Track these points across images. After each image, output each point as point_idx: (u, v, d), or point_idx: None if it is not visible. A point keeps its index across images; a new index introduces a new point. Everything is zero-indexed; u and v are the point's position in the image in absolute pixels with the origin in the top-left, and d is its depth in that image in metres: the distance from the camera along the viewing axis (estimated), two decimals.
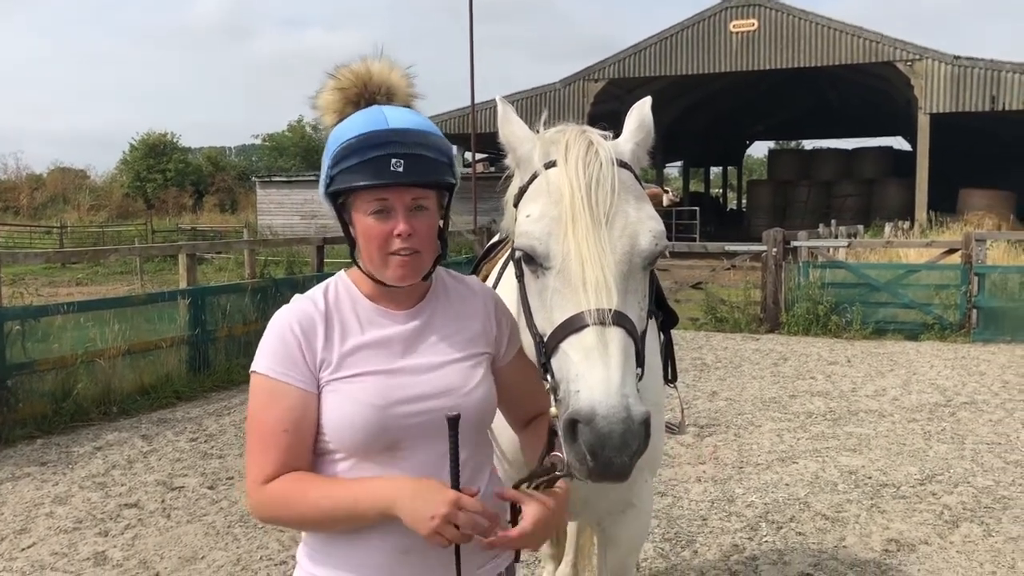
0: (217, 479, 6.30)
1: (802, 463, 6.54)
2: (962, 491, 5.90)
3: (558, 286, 1.78)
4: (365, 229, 1.83)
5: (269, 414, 1.83)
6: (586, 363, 1.67)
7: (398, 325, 1.91)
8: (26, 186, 56.18)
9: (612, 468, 1.61)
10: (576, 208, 1.78)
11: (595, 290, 1.72)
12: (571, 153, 1.85)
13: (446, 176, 1.86)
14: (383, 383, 1.84)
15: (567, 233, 1.78)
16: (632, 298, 1.80)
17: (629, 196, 1.86)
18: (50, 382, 7.95)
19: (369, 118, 1.85)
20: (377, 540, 1.84)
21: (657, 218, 1.88)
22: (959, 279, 12.37)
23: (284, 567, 4.78)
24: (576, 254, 1.75)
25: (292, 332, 1.85)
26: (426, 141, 1.83)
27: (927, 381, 9.46)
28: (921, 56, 27.65)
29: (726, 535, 5.19)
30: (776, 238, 13.22)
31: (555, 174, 1.86)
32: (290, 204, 37.31)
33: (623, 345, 1.69)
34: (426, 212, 1.84)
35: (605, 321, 1.70)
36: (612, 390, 1.62)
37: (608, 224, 1.79)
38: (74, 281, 23.66)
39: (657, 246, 1.83)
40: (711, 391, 9.06)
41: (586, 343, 1.68)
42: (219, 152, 72.13)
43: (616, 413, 1.60)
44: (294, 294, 1.99)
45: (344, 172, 1.81)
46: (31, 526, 5.42)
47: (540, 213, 1.83)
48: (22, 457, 6.88)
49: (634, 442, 1.60)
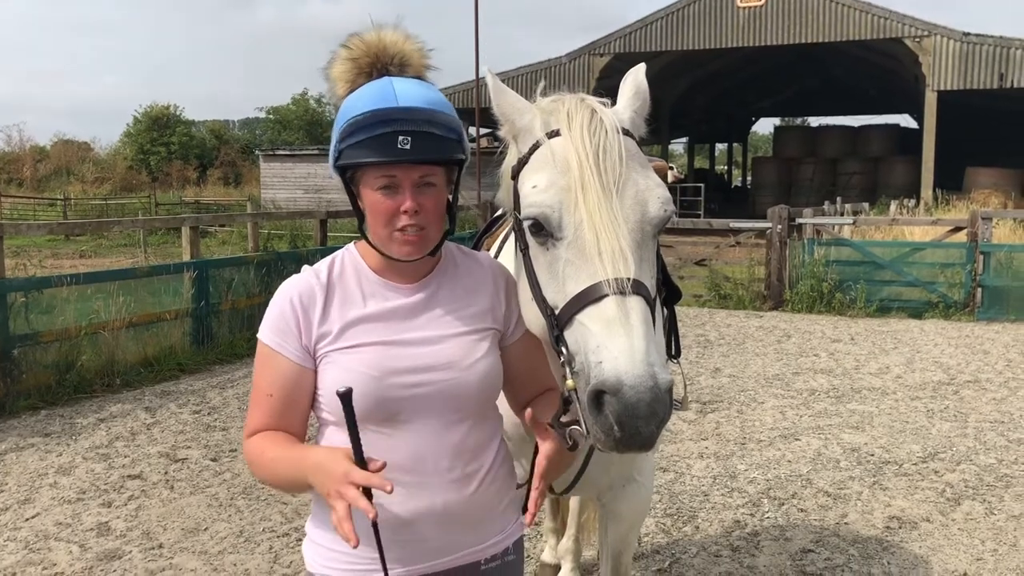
0: (220, 451, 6.32)
1: (804, 440, 6.54)
2: (964, 469, 5.90)
3: (571, 257, 1.74)
4: (372, 204, 1.82)
5: (261, 377, 1.92)
6: (607, 333, 1.64)
7: (402, 298, 1.91)
8: (29, 158, 56.11)
9: (639, 438, 1.59)
10: (586, 177, 1.75)
11: (612, 260, 1.69)
12: (575, 122, 1.82)
13: (454, 153, 1.84)
14: (381, 354, 1.84)
15: (578, 202, 1.74)
16: (646, 266, 1.78)
17: (635, 163, 1.84)
18: (54, 353, 7.96)
19: (378, 93, 1.83)
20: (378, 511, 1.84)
21: (663, 185, 1.86)
22: (964, 257, 12.33)
23: (287, 539, 4.80)
24: (589, 224, 1.72)
25: (291, 305, 1.89)
26: (434, 118, 1.81)
27: (931, 359, 9.44)
28: (930, 32, 27.43)
29: (728, 511, 5.20)
30: (781, 215, 13.17)
31: (560, 143, 1.82)
32: (294, 178, 37.21)
33: (644, 314, 1.67)
34: (434, 188, 1.83)
35: (624, 291, 1.67)
36: (638, 359, 1.60)
37: (619, 192, 1.76)
38: (78, 253, 23.67)
39: (666, 212, 1.81)
40: (714, 367, 9.06)
41: (607, 314, 1.65)
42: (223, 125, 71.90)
43: (644, 382, 1.58)
44: (297, 268, 1.99)
45: (352, 147, 1.80)
46: (35, 496, 5.44)
47: (548, 183, 1.80)
48: (26, 428, 6.91)
49: (662, 410, 1.59)
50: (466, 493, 1.88)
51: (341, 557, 1.88)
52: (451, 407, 1.86)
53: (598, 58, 30.79)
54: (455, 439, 1.88)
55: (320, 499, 1.93)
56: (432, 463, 1.86)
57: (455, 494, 1.87)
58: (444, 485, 1.87)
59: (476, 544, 1.92)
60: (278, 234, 20.90)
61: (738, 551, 4.64)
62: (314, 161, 36.32)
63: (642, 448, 1.63)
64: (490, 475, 1.94)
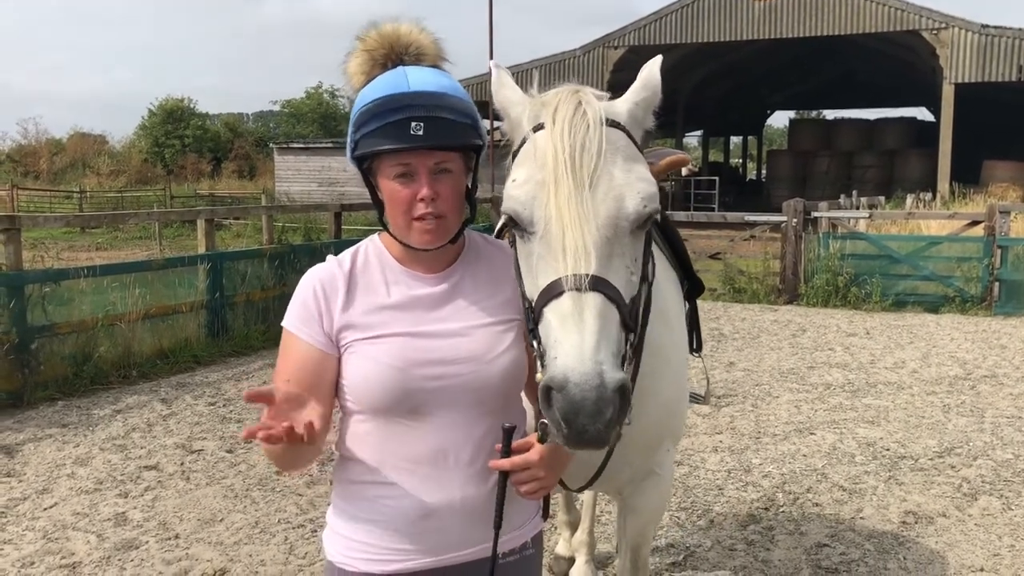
0: (235, 443, 6.35)
1: (819, 434, 6.52)
2: (981, 464, 5.87)
3: (542, 252, 1.74)
4: (390, 193, 1.82)
5: (283, 363, 1.91)
6: (562, 329, 1.64)
7: (427, 288, 1.91)
8: (46, 151, 56.44)
9: (586, 435, 1.58)
10: (559, 172, 1.73)
11: (573, 256, 1.68)
12: (559, 115, 1.79)
13: (470, 138, 1.83)
14: (406, 345, 1.84)
15: (549, 198, 1.73)
16: (618, 262, 1.74)
17: (617, 158, 1.79)
18: (71, 345, 8.01)
19: (391, 80, 1.83)
20: (394, 503, 1.86)
21: (648, 179, 1.81)
22: (981, 251, 12.24)
23: (302, 530, 4.82)
24: (557, 219, 1.71)
25: (313, 292, 1.89)
26: (447, 103, 1.80)
27: (947, 354, 9.39)
28: (947, 24, 27.21)
29: (742, 505, 5.19)
30: (796, 209, 13.11)
31: (542, 137, 1.80)
32: (308, 171, 37.25)
33: (600, 311, 1.65)
34: (450, 175, 1.82)
35: (581, 287, 1.66)
36: (585, 356, 1.59)
37: (592, 187, 1.73)
38: (94, 245, 23.79)
39: (646, 208, 1.76)
40: (728, 361, 9.04)
41: (562, 309, 1.65)
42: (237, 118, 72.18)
43: (588, 380, 1.56)
44: (312, 260, 2.00)
45: (366, 136, 1.80)
46: (53, 486, 5.48)
47: (525, 177, 1.79)
48: (44, 419, 6.96)
49: (608, 409, 1.57)
50: (487, 487, 1.88)
51: (360, 547, 1.89)
52: (474, 400, 1.86)
53: (612, 51, 30.70)
54: (478, 432, 1.88)
55: (342, 489, 1.94)
56: (454, 456, 1.86)
57: (476, 487, 1.88)
58: (465, 478, 1.87)
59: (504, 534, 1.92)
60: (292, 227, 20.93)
61: (753, 545, 4.63)
62: (328, 154, 36.33)
63: (593, 446, 1.61)
64: None
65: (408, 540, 1.86)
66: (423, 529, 1.86)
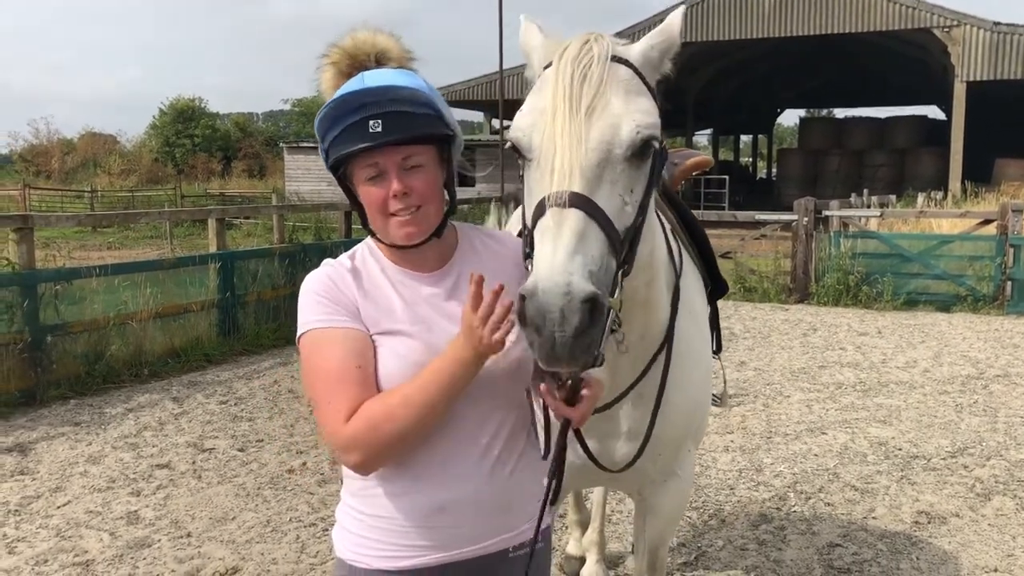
0: (247, 441, 6.36)
1: (831, 434, 6.50)
2: (994, 464, 5.84)
3: (537, 176, 1.80)
4: (365, 196, 1.85)
5: (331, 360, 1.81)
6: (540, 242, 1.69)
7: (428, 287, 1.92)
8: (57, 150, 56.74)
9: (556, 346, 1.60)
10: (557, 100, 1.79)
11: (560, 175, 1.73)
12: (567, 53, 1.85)
13: (434, 128, 1.84)
14: (416, 343, 1.84)
15: (546, 124, 1.79)
16: (610, 188, 1.77)
17: (619, 89, 1.84)
18: (83, 344, 8.05)
19: (348, 84, 1.86)
20: (406, 499, 1.87)
21: (648, 111, 1.85)
22: (994, 250, 12.17)
23: (313, 528, 4.83)
24: (549, 143, 1.77)
25: (327, 285, 1.88)
26: (403, 96, 1.82)
27: (959, 353, 9.34)
28: (959, 22, 27.05)
29: (754, 504, 5.17)
30: (807, 207, 13.06)
31: (548, 72, 1.87)
32: (317, 170, 37.19)
33: (577, 226, 1.68)
34: (422, 169, 1.83)
35: (562, 203, 1.70)
36: (556, 267, 1.62)
37: (589, 114, 1.78)
38: (105, 245, 23.88)
39: (639, 135, 1.79)
40: (739, 361, 9.01)
41: (544, 224, 1.70)
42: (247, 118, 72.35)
43: (556, 288, 1.59)
44: (322, 259, 2.00)
45: (333, 144, 1.83)
46: (66, 485, 5.51)
47: (529, 108, 1.86)
48: (56, 417, 6.99)
49: (573, 318, 1.58)
50: (497, 480, 1.89)
51: (372, 544, 1.90)
52: (484, 395, 1.86)
53: None
54: (488, 427, 1.89)
55: (352, 486, 1.93)
56: (465, 450, 1.87)
57: (486, 481, 1.88)
58: (476, 472, 1.87)
59: (506, 531, 1.93)
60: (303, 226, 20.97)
61: (764, 545, 4.62)
62: None
63: (565, 361, 1.63)
64: (522, 461, 1.96)
65: (420, 536, 1.86)
66: (435, 524, 1.86)
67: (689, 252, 2.74)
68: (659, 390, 2.36)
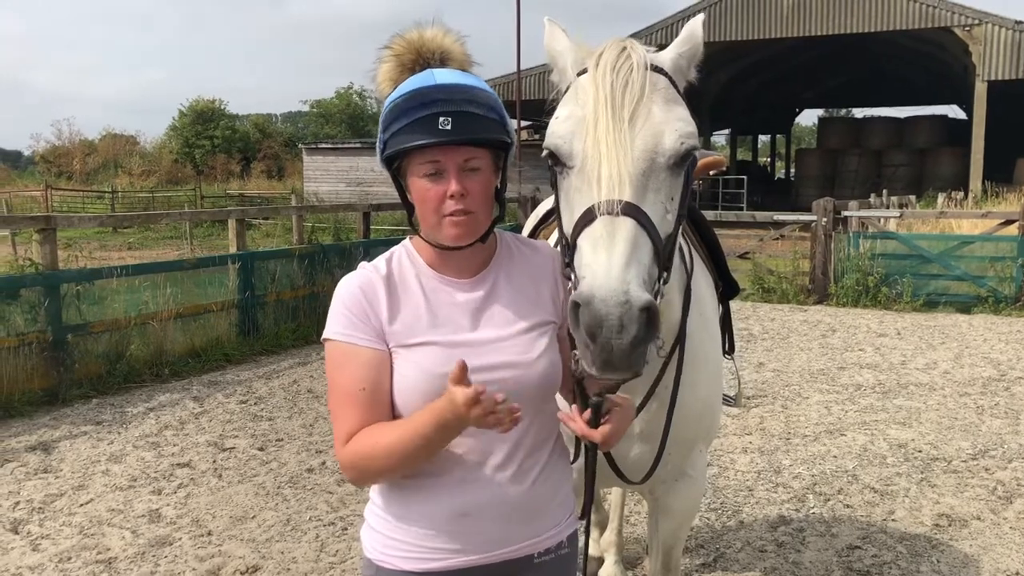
0: (267, 441, 6.41)
1: (850, 435, 6.47)
2: (1016, 467, 5.79)
3: (579, 184, 1.81)
4: (419, 191, 1.83)
5: (343, 376, 1.85)
6: (592, 251, 1.69)
7: (463, 294, 1.91)
8: (79, 151, 57.27)
9: (612, 354, 1.61)
10: (599, 108, 1.80)
11: (608, 183, 1.74)
12: (603, 59, 1.86)
13: (498, 134, 1.84)
14: (445, 353, 1.83)
15: (588, 132, 1.80)
16: (654, 196, 1.79)
17: (657, 98, 1.86)
18: (104, 343, 8.13)
19: (418, 79, 1.85)
20: (434, 503, 1.88)
21: (687, 120, 1.87)
22: (1015, 251, 12.06)
23: (333, 528, 4.86)
24: (594, 151, 1.78)
25: (355, 297, 1.87)
26: (475, 97, 1.82)
27: (980, 355, 9.27)
28: (980, 21, 26.83)
29: (772, 506, 5.16)
30: (826, 208, 12.99)
31: (585, 79, 1.88)
32: (336, 171, 37.47)
33: (631, 235, 1.69)
34: (479, 173, 1.82)
35: (614, 211, 1.71)
36: (613, 274, 1.63)
37: (632, 123, 1.79)
38: (125, 245, 24.09)
39: (683, 145, 1.82)
40: (758, 362, 8.98)
41: (595, 233, 1.71)
42: (266, 119, 72.70)
43: (614, 296, 1.60)
44: (341, 260, 2.00)
45: (395, 135, 1.81)
46: (88, 483, 5.57)
47: (567, 115, 1.87)
48: (79, 416, 7.06)
49: (632, 327, 1.60)
50: (523, 487, 1.89)
51: (399, 545, 1.91)
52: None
53: None
54: (515, 435, 1.88)
55: (381, 488, 1.94)
56: (491, 458, 1.88)
57: (512, 488, 1.88)
58: (501, 479, 1.88)
59: (531, 537, 1.93)
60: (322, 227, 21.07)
61: (783, 546, 4.61)
62: (356, 154, 36.55)
63: (621, 368, 1.64)
64: (547, 470, 1.96)
65: (446, 539, 1.87)
66: (461, 528, 1.87)
67: (699, 252, 2.75)
68: (673, 391, 2.37)
